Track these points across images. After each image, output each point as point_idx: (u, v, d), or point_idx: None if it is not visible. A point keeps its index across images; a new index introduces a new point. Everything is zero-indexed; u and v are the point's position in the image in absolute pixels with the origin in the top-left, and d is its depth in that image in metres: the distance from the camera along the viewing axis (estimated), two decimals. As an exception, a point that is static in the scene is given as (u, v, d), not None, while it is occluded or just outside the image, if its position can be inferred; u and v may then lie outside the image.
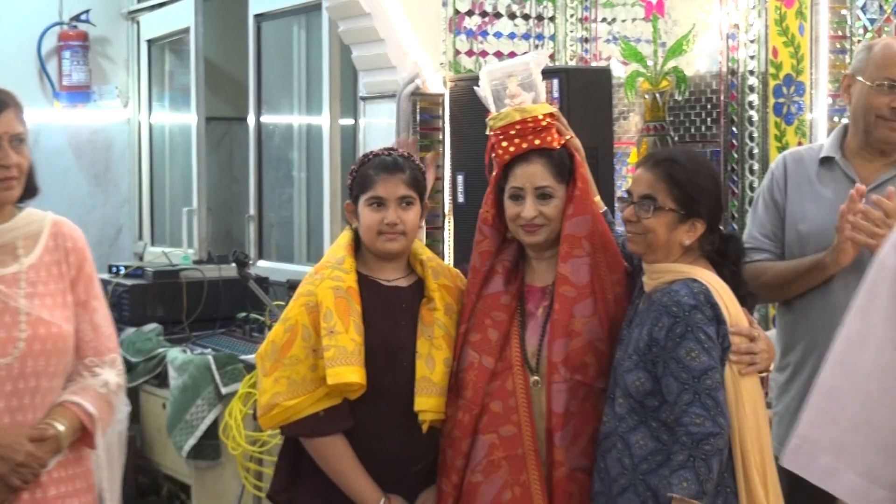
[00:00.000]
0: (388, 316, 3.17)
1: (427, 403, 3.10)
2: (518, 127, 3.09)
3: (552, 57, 5.31)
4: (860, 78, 3.35)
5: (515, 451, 3.02)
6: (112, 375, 3.05)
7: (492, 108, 3.16)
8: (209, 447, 5.21)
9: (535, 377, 3.06)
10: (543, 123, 3.10)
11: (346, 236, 3.27)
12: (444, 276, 3.27)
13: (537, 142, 3.09)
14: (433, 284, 3.21)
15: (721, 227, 3.02)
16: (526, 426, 3.02)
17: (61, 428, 2.91)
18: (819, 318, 3.33)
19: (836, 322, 3.28)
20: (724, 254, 2.97)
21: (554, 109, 3.19)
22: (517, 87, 3.15)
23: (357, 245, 3.26)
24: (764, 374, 3.14)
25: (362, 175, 3.20)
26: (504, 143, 3.10)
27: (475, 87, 3.25)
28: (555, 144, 3.11)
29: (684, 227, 2.90)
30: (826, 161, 3.44)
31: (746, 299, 2.98)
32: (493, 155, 3.16)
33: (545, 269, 3.16)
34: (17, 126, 2.90)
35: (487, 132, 3.18)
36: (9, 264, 2.95)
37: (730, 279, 2.94)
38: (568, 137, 3.17)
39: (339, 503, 3.15)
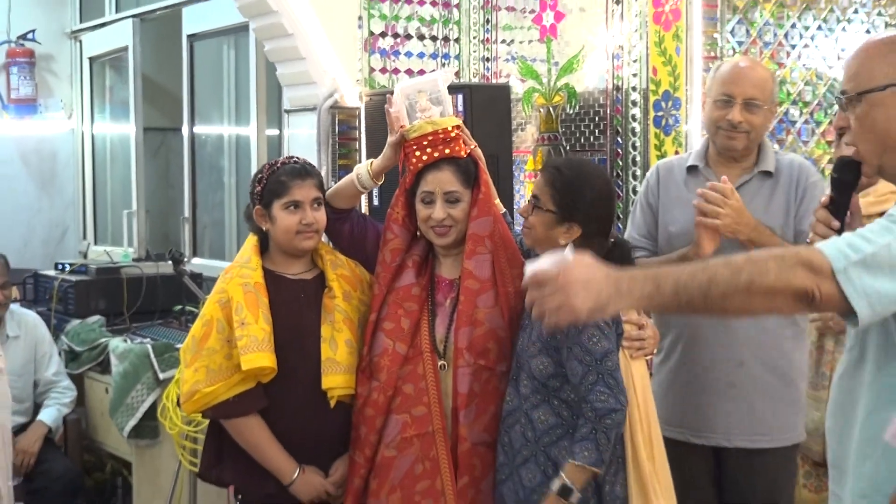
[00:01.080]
0: (294, 306, 3.21)
1: (334, 381, 3.13)
2: (430, 138, 3.10)
3: (457, 74, 5.31)
4: (708, 95, 3.46)
5: (426, 429, 3.04)
6: None
7: (405, 120, 3.15)
8: (148, 427, 5.13)
9: (443, 361, 3.07)
10: (452, 134, 3.12)
11: (251, 240, 3.29)
12: (342, 267, 3.29)
13: (447, 151, 3.10)
14: (332, 275, 3.24)
15: (613, 238, 3.02)
16: (435, 406, 3.04)
17: None
18: None
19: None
20: (614, 258, 2.94)
21: (460, 122, 3.20)
22: (427, 101, 3.15)
23: (264, 246, 3.28)
24: (649, 358, 3.19)
25: (275, 182, 3.20)
26: (418, 153, 3.11)
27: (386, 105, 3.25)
28: (462, 153, 3.13)
29: (561, 229, 2.92)
30: (692, 169, 3.52)
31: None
32: (407, 162, 3.16)
33: (452, 263, 3.17)
34: None
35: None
36: None
37: None
38: (472, 147, 3.19)
39: (259, 477, 3.18)
